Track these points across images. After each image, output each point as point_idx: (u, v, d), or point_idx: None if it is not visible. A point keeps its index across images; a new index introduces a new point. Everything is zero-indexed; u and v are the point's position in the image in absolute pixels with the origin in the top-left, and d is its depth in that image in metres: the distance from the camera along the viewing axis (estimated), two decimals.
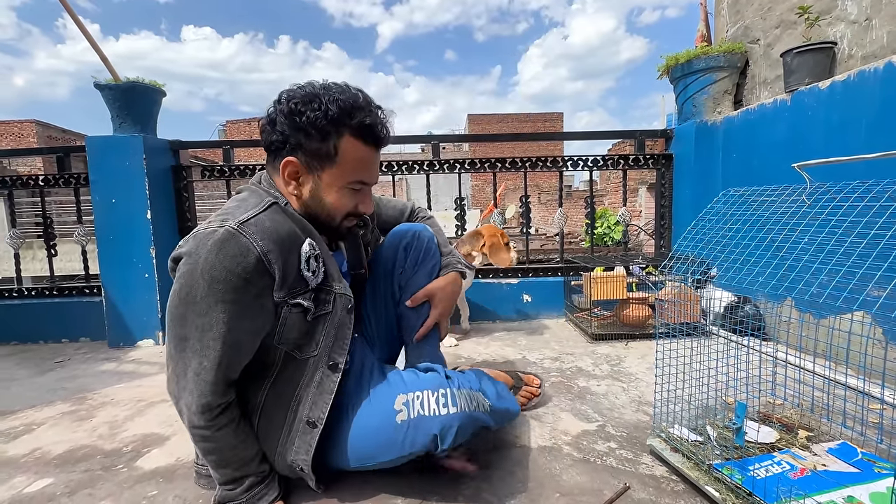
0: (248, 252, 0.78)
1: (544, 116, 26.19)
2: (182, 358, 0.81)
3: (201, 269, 0.77)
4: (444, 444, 0.88)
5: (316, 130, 0.83)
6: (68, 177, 2.40)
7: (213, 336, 0.78)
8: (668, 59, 2.44)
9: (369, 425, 0.93)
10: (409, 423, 0.89)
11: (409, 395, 0.90)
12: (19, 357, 2.16)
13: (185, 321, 0.79)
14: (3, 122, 19.28)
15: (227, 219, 0.80)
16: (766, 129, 1.99)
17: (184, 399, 0.82)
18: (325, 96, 0.83)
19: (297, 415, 0.90)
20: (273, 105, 0.87)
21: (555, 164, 2.51)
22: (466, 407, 0.91)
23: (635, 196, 10.75)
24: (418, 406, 0.89)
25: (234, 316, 0.79)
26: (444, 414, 0.88)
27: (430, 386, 0.91)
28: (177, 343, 0.81)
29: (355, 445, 0.94)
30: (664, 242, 2.58)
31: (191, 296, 0.78)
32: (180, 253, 0.83)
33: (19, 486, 1.09)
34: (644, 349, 1.94)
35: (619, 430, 1.26)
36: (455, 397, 0.90)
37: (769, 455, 0.97)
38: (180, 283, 0.80)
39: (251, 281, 0.79)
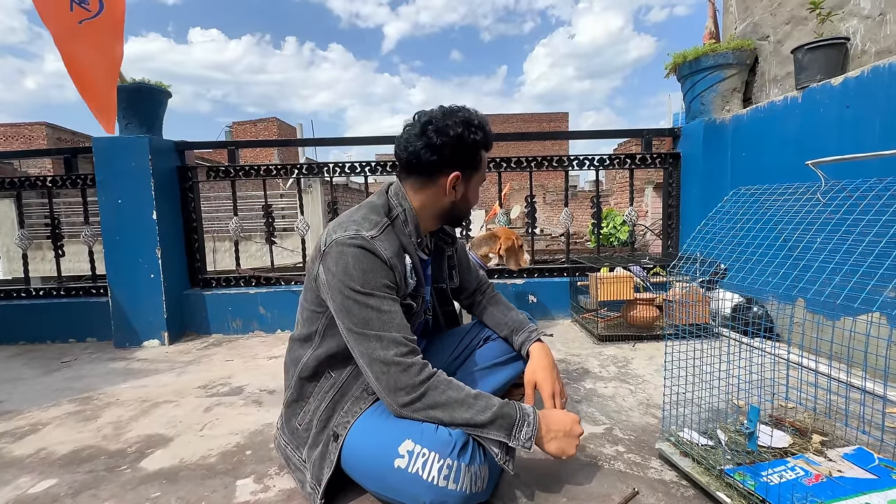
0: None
1: (549, 116, 26.11)
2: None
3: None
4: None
5: (475, 148, 1.03)
6: (75, 178, 2.41)
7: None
8: (676, 56, 2.41)
9: (370, 446, 0.91)
10: (403, 475, 0.85)
11: (416, 445, 0.86)
12: (27, 357, 2.17)
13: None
14: (14, 125, 19.56)
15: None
16: (776, 127, 1.96)
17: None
18: (474, 120, 1.02)
19: (361, 388, 0.98)
20: (426, 135, 0.99)
21: (560, 163, 2.49)
22: (468, 488, 0.85)
23: (642, 196, 10.67)
24: (419, 465, 0.85)
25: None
26: (442, 486, 0.84)
27: (439, 449, 0.85)
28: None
29: (351, 451, 0.93)
30: (671, 242, 2.55)
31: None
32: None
33: (24, 486, 1.09)
34: (651, 350, 1.91)
35: (627, 433, 1.23)
36: (460, 474, 0.84)
37: (782, 460, 0.95)
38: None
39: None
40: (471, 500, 0.87)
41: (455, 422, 0.87)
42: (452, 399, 0.88)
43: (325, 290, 0.95)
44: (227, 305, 2.41)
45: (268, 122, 23.46)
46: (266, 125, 23.26)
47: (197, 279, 2.49)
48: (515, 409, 0.90)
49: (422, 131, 1.00)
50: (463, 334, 1.28)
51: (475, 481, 0.85)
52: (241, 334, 2.41)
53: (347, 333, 0.92)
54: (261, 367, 1.89)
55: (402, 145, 1.03)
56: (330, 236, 0.95)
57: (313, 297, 1.00)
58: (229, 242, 8.12)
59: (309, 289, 1.02)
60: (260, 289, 2.44)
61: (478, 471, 0.86)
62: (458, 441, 0.86)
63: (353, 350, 0.92)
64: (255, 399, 1.56)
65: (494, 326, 1.24)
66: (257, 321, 2.42)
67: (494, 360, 1.20)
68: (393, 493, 0.89)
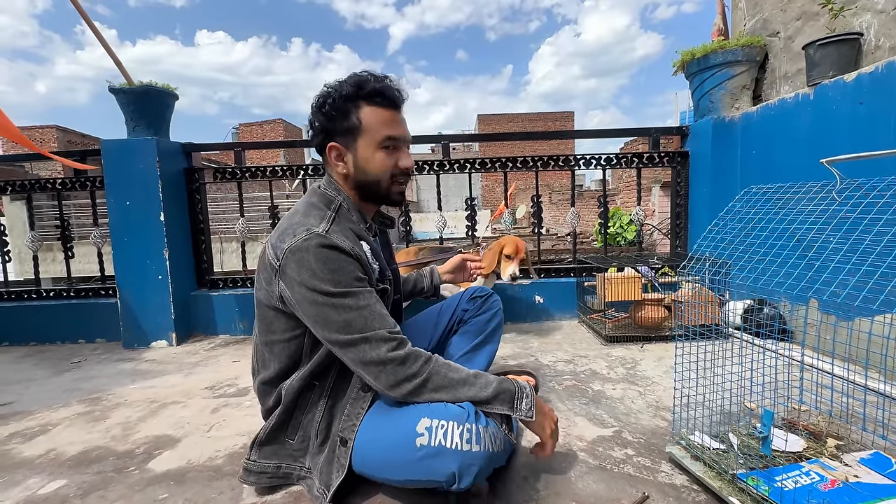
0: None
1: (555, 115, 26.02)
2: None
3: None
4: (461, 483, 0.83)
5: (337, 111, 0.94)
6: (84, 180, 2.44)
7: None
8: (684, 54, 2.38)
9: (387, 437, 0.89)
10: (428, 451, 0.84)
11: (433, 420, 0.85)
12: (37, 358, 2.20)
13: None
14: (26, 128, 19.84)
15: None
16: (787, 125, 1.93)
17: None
18: (339, 84, 0.95)
19: (356, 388, 0.95)
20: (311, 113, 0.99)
21: (566, 162, 2.47)
22: (490, 447, 0.85)
23: (649, 195, 10.58)
24: (441, 436, 0.84)
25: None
26: (466, 450, 0.83)
27: (456, 418, 0.84)
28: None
29: (365, 449, 0.91)
30: (680, 242, 2.52)
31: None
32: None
33: (34, 486, 1.09)
34: (660, 352, 1.89)
35: (636, 436, 1.22)
36: (480, 436, 0.84)
37: (796, 465, 0.93)
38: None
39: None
40: (494, 460, 0.87)
41: (459, 400, 0.87)
42: (454, 380, 0.88)
43: (294, 306, 0.89)
44: (233, 306, 2.42)
45: (274, 123, 23.61)
46: (272, 126, 23.41)
47: (204, 280, 2.50)
48: (513, 384, 0.91)
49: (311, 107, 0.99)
50: (435, 321, 1.30)
51: (494, 441, 0.86)
52: (247, 335, 2.42)
53: (331, 344, 0.88)
54: None
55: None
56: (279, 248, 0.88)
57: (285, 323, 0.93)
58: (236, 243, 8.17)
59: (272, 319, 0.95)
60: None
61: (495, 431, 0.86)
62: (469, 409, 0.86)
63: (341, 356, 0.89)
64: None
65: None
66: None
67: (471, 344, 1.24)
68: (419, 475, 0.86)
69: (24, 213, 8.31)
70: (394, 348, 0.86)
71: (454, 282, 1.51)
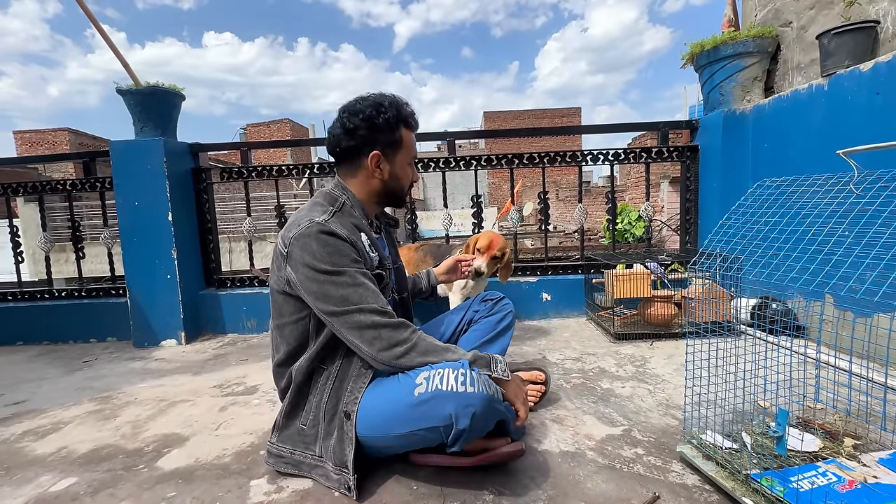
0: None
1: (562, 112, 25.79)
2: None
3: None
4: (458, 423, 0.89)
5: (389, 127, 1.07)
6: (94, 181, 2.46)
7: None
8: (693, 46, 2.34)
9: (387, 396, 0.96)
10: (425, 397, 0.90)
11: (430, 371, 0.93)
12: (50, 357, 2.23)
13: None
14: (39, 131, 20.19)
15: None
16: (801, 117, 1.88)
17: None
18: (384, 101, 1.07)
19: (358, 366, 1.01)
20: (341, 121, 1.06)
21: (574, 158, 2.44)
22: (485, 390, 0.92)
23: (657, 191, 10.45)
24: (437, 381, 0.91)
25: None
26: (461, 391, 0.89)
27: (451, 366, 0.93)
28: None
29: (368, 412, 0.96)
30: (690, 238, 2.48)
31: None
32: None
33: (45, 484, 1.11)
34: (670, 349, 1.86)
35: (646, 434, 1.20)
36: (475, 380, 0.91)
37: (812, 465, 0.90)
38: None
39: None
40: (491, 402, 0.92)
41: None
42: (438, 346, 0.98)
43: (299, 288, 0.98)
44: (241, 305, 2.44)
45: (281, 123, 23.74)
46: (279, 126, 23.54)
47: (212, 279, 2.52)
48: (488, 355, 1.01)
49: (339, 119, 1.07)
50: (445, 322, 1.36)
51: (489, 386, 0.92)
52: (255, 334, 2.43)
53: (331, 318, 0.96)
54: None
55: (328, 139, 1.11)
56: (286, 237, 0.99)
57: (292, 306, 1.02)
58: (245, 243, 8.23)
59: (282, 303, 1.04)
60: None
61: (487, 379, 0.94)
62: (464, 361, 0.95)
63: (339, 330, 0.96)
64: (270, 398, 1.56)
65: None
66: None
67: (481, 341, 1.28)
68: (419, 423, 0.92)
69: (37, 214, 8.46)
70: (385, 315, 0.96)
71: (448, 281, 1.54)
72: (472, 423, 0.90)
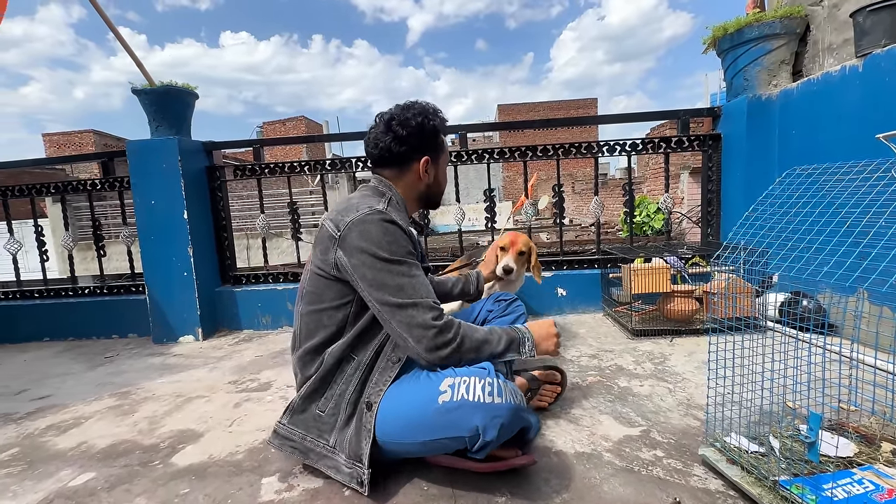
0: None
1: (577, 103, 25.34)
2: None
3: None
4: (485, 436, 0.88)
5: (435, 133, 1.15)
6: (113, 180, 2.51)
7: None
8: (716, 29, 2.23)
9: (410, 399, 0.95)
10: (450, 405, 0.89)
11: (455, 378, 0.92)
12: (75, 353, 2.29)
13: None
14: (66, 134, 20.88)
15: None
16: (832, 101, 1.78)
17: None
18: (429, 109, 1.14)
19: (386, 359, 1.02)
20: (392, 129, 1.10)
21: (589, 150, 2.37)
22: (512, 399, 0.91)
23: (677, 182, 10.17)
24: (463, 390, 0.90)
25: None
26: (489, 402, 0.89)
27: (476, 374, 0.92)
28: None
29: (388, 415, 0.94)
30: (712, 231, 2.39)
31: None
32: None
33: (65, 479, 1.13)
34: (691, 346, 1.79)
35: (665, 436, 1.15)
36: (502, 389, 0.90)
37: (847, 472, 0.85)
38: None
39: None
40: (518, 412, 0.92)
41: (482, 357, 0.98)
42: (479, 340, 0.98)
43: (350, 273, 0.97)
44: (256, 302, 2.46)
45: (296, 121, 23.99)
46: (295, 124, 23.80)
47: (228, 276, 2.55)
48: (517, 331, 1.05)
49: (387, 128, 1.10)
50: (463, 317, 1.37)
51: (515, 394, 0.92)
52: (270, 330, 2.45)
53: (383, 306, 0.95)
54: (288, 363, 1.89)
55: (372, 144, 1.13)
56: (341, 221, 0.98)
57: (336, 291, 1.01)
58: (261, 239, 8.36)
59: (324, 288, 1.02)
60: (287, 285, 2.47)
61: (514, 387, 0.93)
62: (489, 367, 0.95)
63: (388, 320, 0.95)
64: (282, 395, 1.57)
65: (445, 292, 1.45)
66: (286, 317, 2.45)
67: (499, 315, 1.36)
68: (442, 432, 0.91)
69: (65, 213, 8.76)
70: (437, 317, 0.95)
71: (494, 279, 1.62)
72: (500, 434, 0.89)
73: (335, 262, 0.98)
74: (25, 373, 2.02)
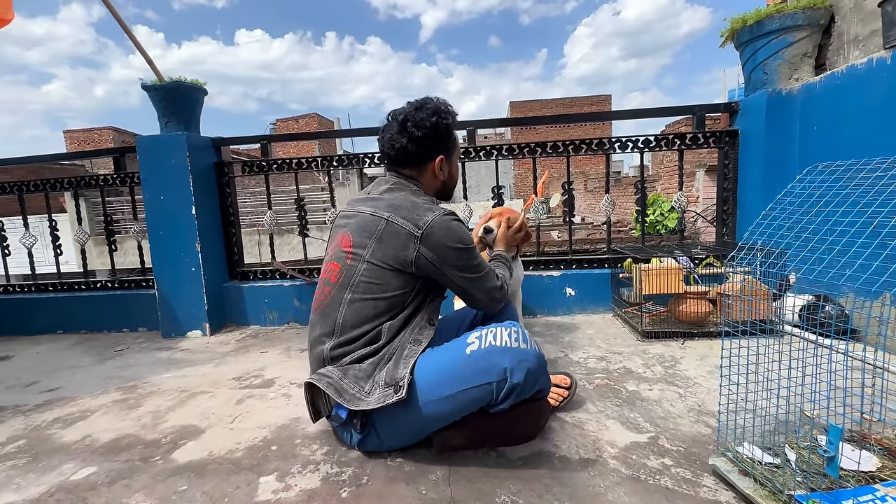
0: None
1: (591, 100, 25.00)
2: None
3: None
4: (513, 378, 0.96)
5: (448, 132, 1.21)
6: (124, 176, 2.54)
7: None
8: (734, 21, 2.15)
9: (441, 359, 1.03)
10: (477, 354, 0.99)
11: (482, 331, 1.03)
12: (86, 345, 2.33)
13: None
14: (86, 131, 21.38)
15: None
16: (858, 95, 1.69)
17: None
18: (441, 108, 1.19)
19: (423, 320, 1.12)
20: (407, 131, 1.15)
21: (601, 146, 2.31)
22: (538, 348, 1.02)
23: (692, 180, 9.96)
24: (491, 338, 1.00)
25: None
26: (516, 347, 0.99)
27: (503, 325, 1.03)
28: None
29: (420, 375, 1.00)
30: (727, 230, 2.31)
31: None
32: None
33: (67, 472, 1.14)
34: (703, 349, 1.74)
35: (674, 443, 1.11)
36: (527, 337, 1.02)
37: (869, 487, 0.80)
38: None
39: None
40: (543, 361, 1.03)
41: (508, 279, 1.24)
42: (506, 278, 1.23)
43: (435, 263, 1.07)
44: (263, 298, 2.47)
45: (309, 118, 24.18)
46: (307, 121, 23.99)
47: (235, 272, 2.56)
48: (502, 257, 1.34)
49: (402, 128, 1.16)
50: (458, 318, 1.40)
51: (539, 346, 1.04)
52: (277, 326, 2.46)
53: (468, 282, 1.12)
54: (293, 360, 1.91)
55: (388, 144, 1.18)
56: (420, 221, 1.07)
57: (402, 280, 1.09)
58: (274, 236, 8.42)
59: (391, 277, 1.08)
60: (294, 282, 2.47)
61: (537, 340, 1.09)
62: (516, 323, 1.07)
63: (469, 289, 1.14)
64: (285, 392, 1.56)
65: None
66: (292, 313, 2.45)
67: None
68: (471, 381, 0.98)
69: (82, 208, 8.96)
70: (496, 277, 1.19)
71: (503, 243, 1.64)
72: (526, 379, 0.97)
73: (415, 257, 1.06)
74: (37, 364, 2.05)
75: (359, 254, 1.09)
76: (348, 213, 1.18)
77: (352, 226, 1.13)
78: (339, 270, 1.11)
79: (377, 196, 1.16)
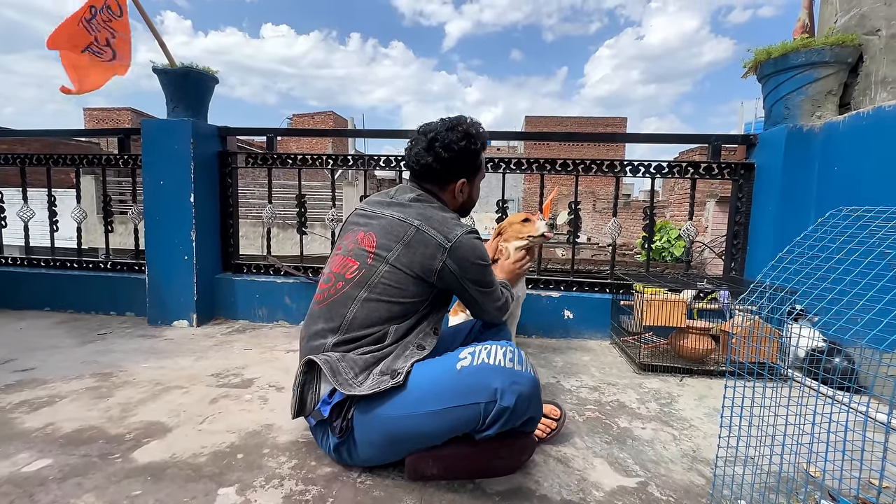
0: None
1: (606, 121, 25.03)
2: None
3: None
4: (502, 400, 0.90)
5: (475, 156, 1.23)
6: (126, 157, 2.51)
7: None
8: (758, 53, 2.10)
9: (432, 371, 0.99)
10: (469, 370, 0.94)
11: (475, 347, 0.99)
12: (71, 325, 2.28)
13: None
14: (106, 109, 21.68)
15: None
16: (884, 138, 1.63)
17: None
18: (472, 130, 1.19)
19: (428, 328, 1.12)
20: (434, 150, 1.16)
21: (611, 168, 2.26)
22: (533, 371, 0.97)
23: (702, 210, 9.86)
24: (484, 355, 0.96)
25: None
26: (509, 368, 0.94)
27: (498, 343, 0.99)
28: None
29: (411, 384, 0.97)
30: (736, 265, 2.24)
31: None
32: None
33: (20, 462, 1.08)
34: (702, 388, 1.66)
35: (665, 491, 1.03)
36: (523, 359, 0.97)
37: None
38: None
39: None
40: (537, 388, 0.96)
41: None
42: (509, 297, 1.27)
43: (457, 275, 1.08)
44: (254, 293, 2.41)
45: (325, 115, 24.40)
46: (323, 118, 24.21)
47: (229, 264, 2.51)
48: (505, 285, 1.31)
49: (429, 146, 1.16)
50: (456, 333, 1.39)
51: (535, 369, 0.99)
52: (266, 323, 2.40)
53: (482, 295, 1.15)
54: (276, 361, 1.85)
55: (413, 159, 1.19)
56: (449, 234, 1.07)
57: (421, 287, 1.08)
58: (277, 229, 8.41)
59: (413, 283, 1.07)
60: (287, 279, 2.42)
61: (532, 362, 1.00)
62: (512, 343, 1.02)
63: (481, 301, 1.16)
64: (262, 395, 1.50)
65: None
66: (282, 311, 2.40)
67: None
68: (460, 400, 0.93)
69: (91, 186, 8.99)
70: (501, 293, 1.23)
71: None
72: (517, 404, 0.91)
73: (440, 267, 1.06)
74: (17, 341, 2.01)
75: (382, 255, 1.07)
76: (369, 214, 1.17)
77: (375, 227, 1.12)
78: (358, 268, 1.09)
79: (405, 203, 1.15)
